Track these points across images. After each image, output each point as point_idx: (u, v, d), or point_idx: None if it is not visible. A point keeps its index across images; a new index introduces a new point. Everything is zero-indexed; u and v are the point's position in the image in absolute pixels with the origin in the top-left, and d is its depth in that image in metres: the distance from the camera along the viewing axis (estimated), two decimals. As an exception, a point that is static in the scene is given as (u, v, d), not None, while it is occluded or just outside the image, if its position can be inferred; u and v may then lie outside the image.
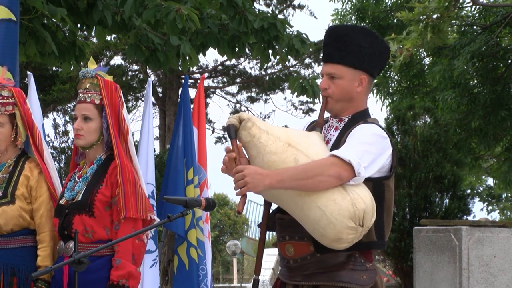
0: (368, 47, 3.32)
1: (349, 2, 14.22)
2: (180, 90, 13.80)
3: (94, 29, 6.44)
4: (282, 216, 3.31)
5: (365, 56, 3.32)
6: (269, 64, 18.45)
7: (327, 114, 3.45)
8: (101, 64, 16.06)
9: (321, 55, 3.50)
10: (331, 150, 3.26)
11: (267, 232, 3.43)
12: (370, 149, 3.20)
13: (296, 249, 3.27)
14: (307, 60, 18.46)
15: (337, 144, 3.29)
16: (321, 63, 3.46)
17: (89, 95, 3.85)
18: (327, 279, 3.24)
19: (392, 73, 13.89)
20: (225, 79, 19.70)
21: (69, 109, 16.06)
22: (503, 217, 25.95)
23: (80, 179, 3.86)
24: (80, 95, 3.88)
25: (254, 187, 3.10)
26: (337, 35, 3.36)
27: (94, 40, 15.15)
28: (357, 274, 3.24)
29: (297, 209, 3.18)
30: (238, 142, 3.24)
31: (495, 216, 25.85)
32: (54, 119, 15.08)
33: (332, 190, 3.13)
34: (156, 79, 18.28)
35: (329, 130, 3.40)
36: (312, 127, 3.48)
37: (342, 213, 3.11)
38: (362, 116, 3.36)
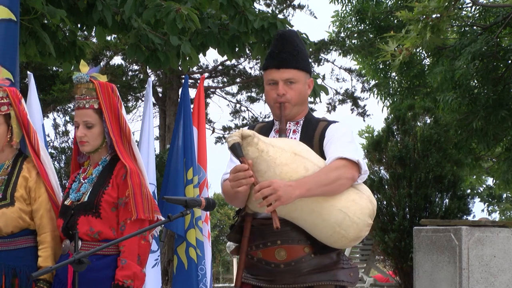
0: (303, 49, 3.43)
1: (349, 4, 14.22)
2: (180, 90, 13.80)
3: (94, 29, 6.44)
4: (268, 221, 3.18)
5: (306, 58, 3.43)
6: (269, 64, 18.40)
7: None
8: (101, 64, 16.07)
9: (266, 62, 3.48)
10: None
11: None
12: (355, 146, 3.33)
13: (289, 253, 3.26)
14: (307, 60, 18.44)
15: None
16: (264, 70, 3.46)
17: (87, 100, 3.82)
18: (323, 279, 3.28)
19: (392, 73, 13.89)
20: (225, 79, 19.70)
21: (69, 109, 16.06)
22: (503, 218, 25.94)
23: (86, 180, 3.85)
24: (78, 101, 3.85)
25: (288, 199, 3.06)
26: (287, 40, 3.40)
27: (94, 40, 15.16)
28: (347, 272, 3.34)
29: (314, 216, 3.18)
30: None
31: (495, 216, 25.85)
32: (54, 119, 15.09)
33: (347, 191, 3.21)
34: (156, 79, 18.28)
35: (287, 134, 3.44)
36: (262, 130, 3.46)
37: (364, 211, 3.21)
38: (313, 116, 3.47)
